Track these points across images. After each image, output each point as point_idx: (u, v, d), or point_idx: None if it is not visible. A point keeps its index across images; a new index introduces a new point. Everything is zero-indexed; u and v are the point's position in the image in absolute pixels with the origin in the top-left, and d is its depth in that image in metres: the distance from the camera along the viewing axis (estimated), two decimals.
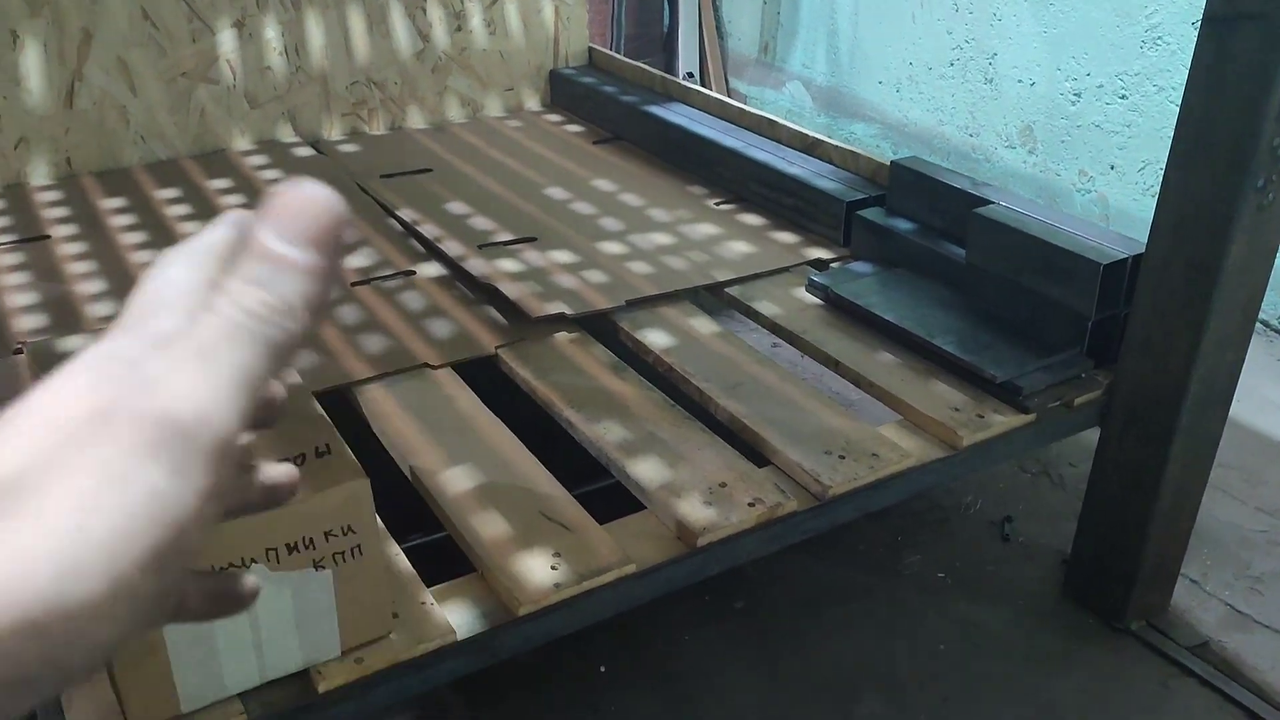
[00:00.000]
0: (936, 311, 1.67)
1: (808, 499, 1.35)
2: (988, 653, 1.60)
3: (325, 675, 1.06)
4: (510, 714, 1.50)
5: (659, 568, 1.25)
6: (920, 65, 3.09)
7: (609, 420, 1.47)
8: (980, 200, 1.73)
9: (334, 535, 1.01)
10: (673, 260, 1.90)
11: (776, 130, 2.25)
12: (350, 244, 0.41)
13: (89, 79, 2.20)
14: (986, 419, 1.48)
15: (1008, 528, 1.86)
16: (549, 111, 2.73)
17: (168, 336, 0.34)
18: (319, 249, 0.37)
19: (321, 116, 2.47)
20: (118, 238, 1.96)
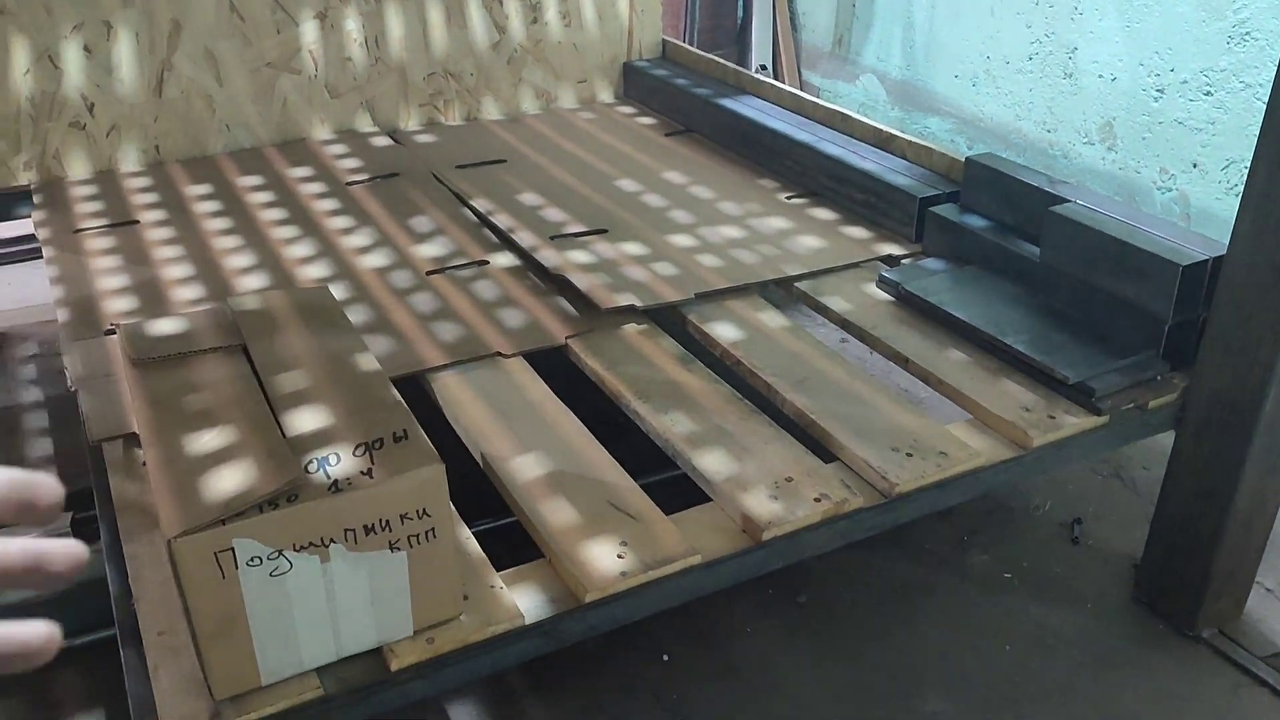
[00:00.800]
0: (1009, 310, 1.66)
1: (874, 496, 1.35)
2: (1056, 655, 1.59)
3: (397, 654, 1.09)
4: (572, 698, 1.52)
5: (724, 560, 1.26)
6: (998, 59, 3.05)
7: (676, 412, 1.48)
8: (1056, 198, 1.71)
9: (409, 518, 1.04)
10: (742, 254, 1.91)
11: (849, 124, 2.24)
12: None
13: (177, 69, 2.27)
14: (1058, 420, 1.47)
15: (1077, 530, 1.84)
16: (621, 103, 2.74)
17: None
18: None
19: (399, 107, 2.52)
20: (203, 224, 2.02)
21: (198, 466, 1.02)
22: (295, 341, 1.24)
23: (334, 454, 1.04)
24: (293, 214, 2.06)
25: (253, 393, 1.14)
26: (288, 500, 0.97)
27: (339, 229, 2.00)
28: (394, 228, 2.01)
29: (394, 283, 1.81)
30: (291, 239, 1.96)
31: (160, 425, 1.09)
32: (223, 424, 1.08)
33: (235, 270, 1.84)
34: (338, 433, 1.07)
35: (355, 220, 2.04)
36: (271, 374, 1.17)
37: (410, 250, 1.92)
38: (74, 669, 1.54)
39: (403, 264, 1.87)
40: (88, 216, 2.04)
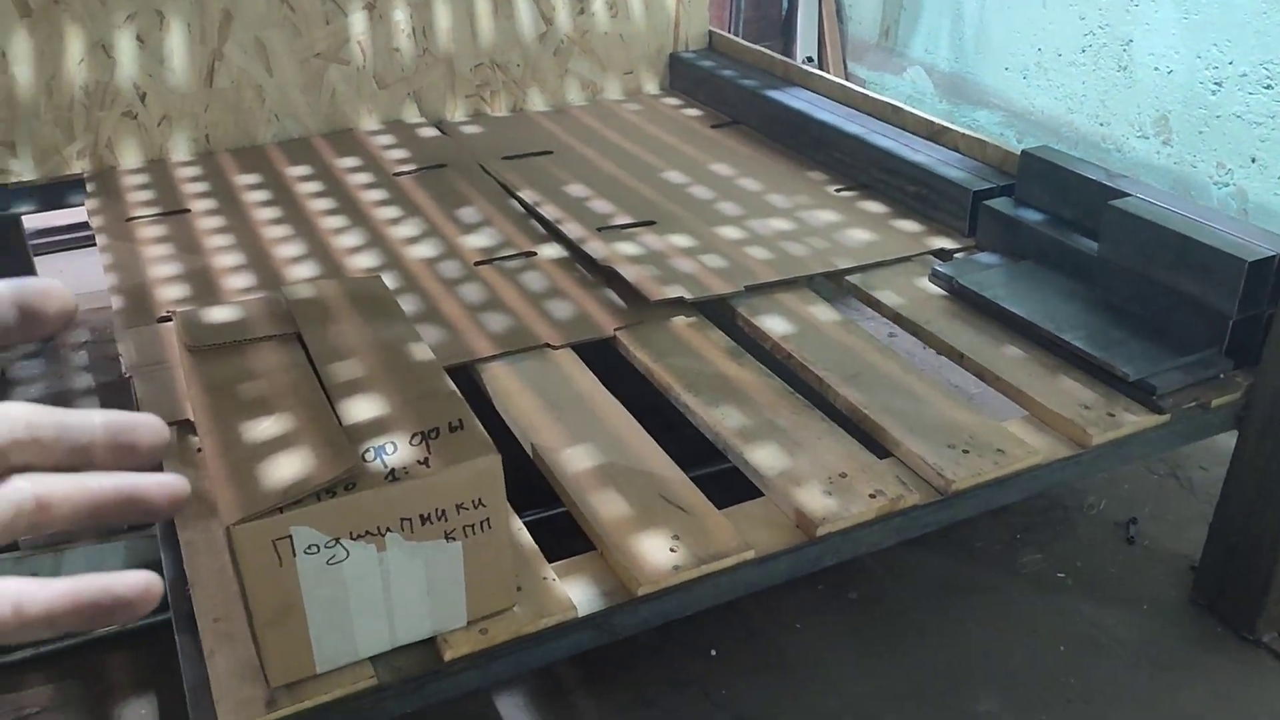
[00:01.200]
0: (1066, 305, 1.63)
1: (930, 493, 1.33)
2: (1111, 657, 1.56)
3: (451, 644, 1.09)
4: (621, 691, 1.52)
5: (777, 555, 1.25)
6: (1050, 51, 3.00)
7: (727, 405, 1.47)
8: (1116, 192, 1.67)
9: (465, 508, 1.03)
10: (792, 246, 1.89)
11: (901, 116, 2.22)
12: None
13: (228, 59, 2.28)
14: (1118, 418, 1.44)
15: (1132, 530, 1.80)
16: (667, 95, 2.73)
17: None
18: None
19: (446, 98, 2.52)
20: (252, 213, 2.03)
21: (255, 454, 1.02)
22: (349, 330, 1.24)
23: (391, 443, 1.03)
24: (341, 204, 2.07)
25: (308, 381, 1.14)
26: (345, 489, 0.97)
27: (387, 219, 2.01)
28: (441, 218, 2.01)
29: (443, 273, 1.81)
30: (340, 229, 1.96)
31: (217, 412, 1.09)
32: (279, 411, 1.08)
33: (285, 259, 1.84)
34: (394, 422, 1.07)
35: (403, 210, 2.04)
36: (326, 362, 1.17)
37: (458, 241, 1.92)
38: (126, 654, 1.56)
39: (451, 254, 1.87)
40: (139, 205, 2.06)
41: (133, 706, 1.48)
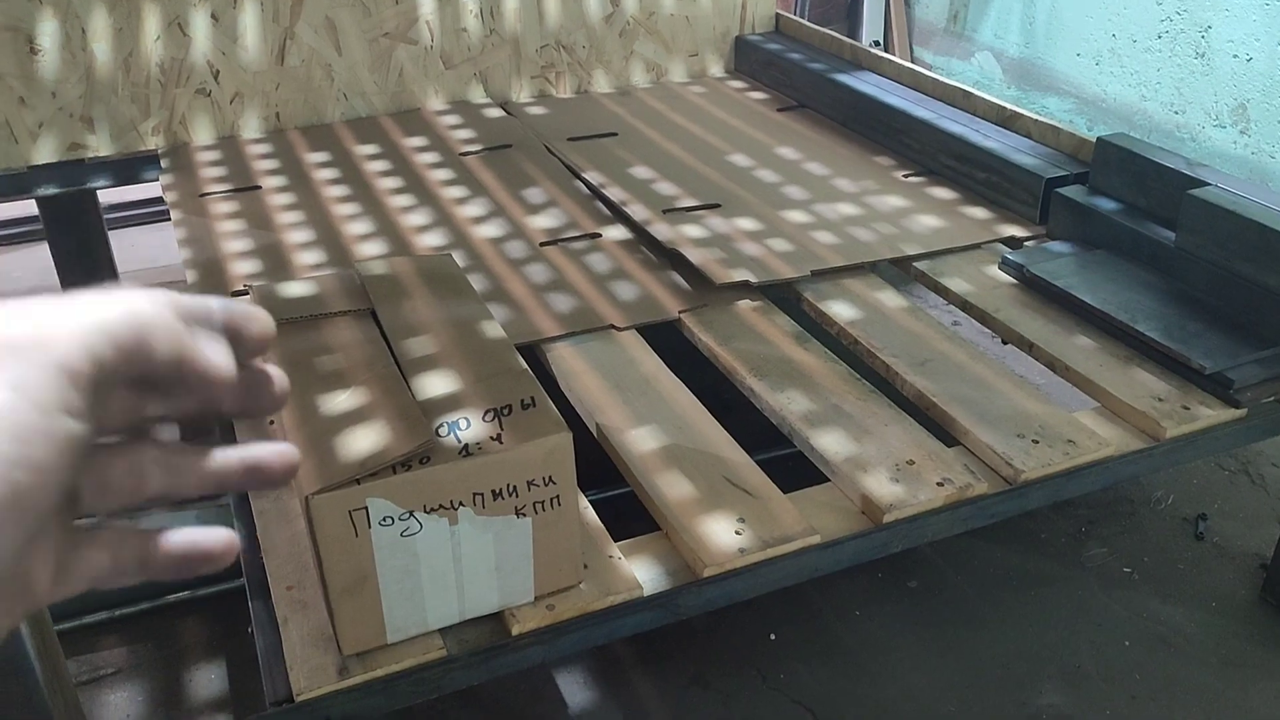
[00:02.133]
0: (1140, 296, 1.60)
1: (998, 482, 1.31)
2: (1178, 654, 1.54)
3: (519, 618, 1.10)
4: (678, 671, 1.52)
5: (842, 541, 1.24)
6: (1124, 37, 2.93)
7: (792, 390, 1.46)
8: (1195, 181, 1.64)
9: (536, 485, 1.04)
10: (859, 231, 1.87)
11: (971, 102, 2.18)
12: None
13: (299, 37, 2.31)
14: (1193, 411, 1.41)
15: (1201, 526, 1.77)
16: (732, 78, 2.71)
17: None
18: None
19: (511, 78, 2.53)
20: (322, 190, 2.05)
21: (332, 427, 1.04)
22: (422, 307, 1.25)
23: (464, 419, 1.04)
24: (408, 183, 2.09)
25: (383, 356, 1.15)
26: (420, 462, 0.99)
27: (454, 198, 2.02)
28: (507, 198, 2.02)
29: (509, 253, 1.82)
30: (408, 207, 1.98)
31: (294, 385, 1.11)
32: (355, 386, 1.10)
33: (354, 236, 1.87)
34: (467, 398, 1.08)
35: (469, 190, 2.06)
36: (400, 338, 1.18)
37: (524, 221, 1.93)
38: (197, 619, 1.60)
39: (517, 234, 1.88)
40: (212, 181, 2.09)
41: (204, 670, 1.52)
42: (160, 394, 0.39)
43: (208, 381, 0.40)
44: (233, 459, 0.41)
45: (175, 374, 0.38)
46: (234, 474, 0.41)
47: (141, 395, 0.39)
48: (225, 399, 0.41)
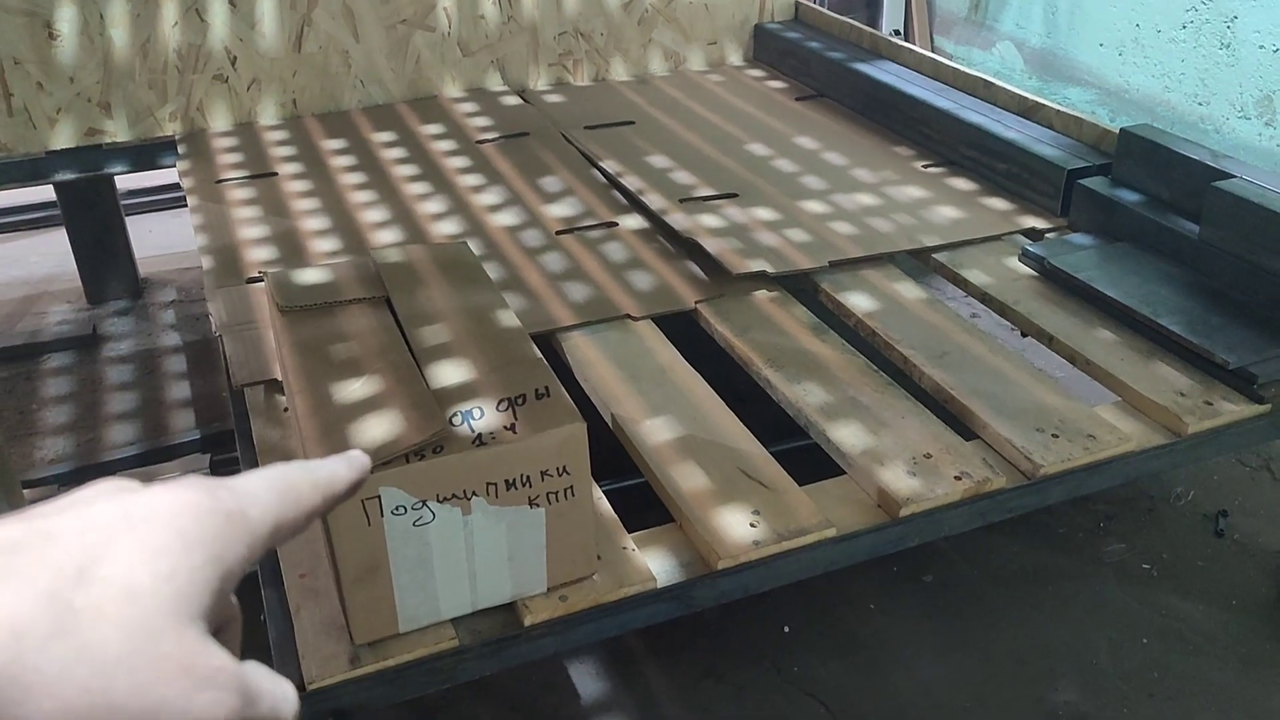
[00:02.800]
0: (1163, 289, 1.58)
1: (1017, 476, 1.30)
2: (1197, 653, 1.52)
3: (531, 609, 1.09)
4: (691, 663, 1.52)
5: (858, 534, 1.23)
6: (1148, 27, 2.90)
7: (809, 382, 1.45)
8: (1220, 173, 1.61)
9: (549, 475, 1.03)
10: (877, 222, 1.86)
11: (992, 92, 2.16)
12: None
13: (317, 24, 2.30)
14: (1215, 406, 1.39)
15: (1222, 523, 1.75)
16: (750, 66, 2.69)
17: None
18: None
19: (529, 66, 2.52)
20: (338, 177, 2.05)
21: (345, 414, 1.03)
22: (437, 295, 1.24)
23: (478, 408, 1.04)
24: (425, 170, 2.08)
25: (397, 344, 1.15)
26: (434, 451, 0.98)
27: (470, 186, 2.01)
28: (524, 186, 2.01)
29: (525, 241, 1.81)
30: (424, 195, 1.98)
31: (308, 372, 1.11)
32: (369, 373, 1.09)
33: (370, 224, 1.86)
34: (481, 387, 1.07)
35: (486, 178, 2.05)
36: (415, 326, 1.18)
37: (540, 209, 1.92)
38: None
39: (533, 223, 1.87)
40: (229, 167, 2.09)
41: None
42: None
43: None
44: (306, 490, 0.42)
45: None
46: (315, 505, 0.42)
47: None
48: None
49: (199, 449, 1.97)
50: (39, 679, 0.28)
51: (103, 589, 0.30)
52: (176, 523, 0.33)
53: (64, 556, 0.30)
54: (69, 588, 0.30)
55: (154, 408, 2.13)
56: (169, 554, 0.32)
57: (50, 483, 1.90)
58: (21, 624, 0.29)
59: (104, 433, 2.05)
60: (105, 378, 2.23)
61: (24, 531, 0.31)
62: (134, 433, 2.06)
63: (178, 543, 0.32)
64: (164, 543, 0.32)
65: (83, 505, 0.33)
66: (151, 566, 0.31)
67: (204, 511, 0.34)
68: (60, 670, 0.29)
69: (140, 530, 0.32)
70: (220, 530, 0.34)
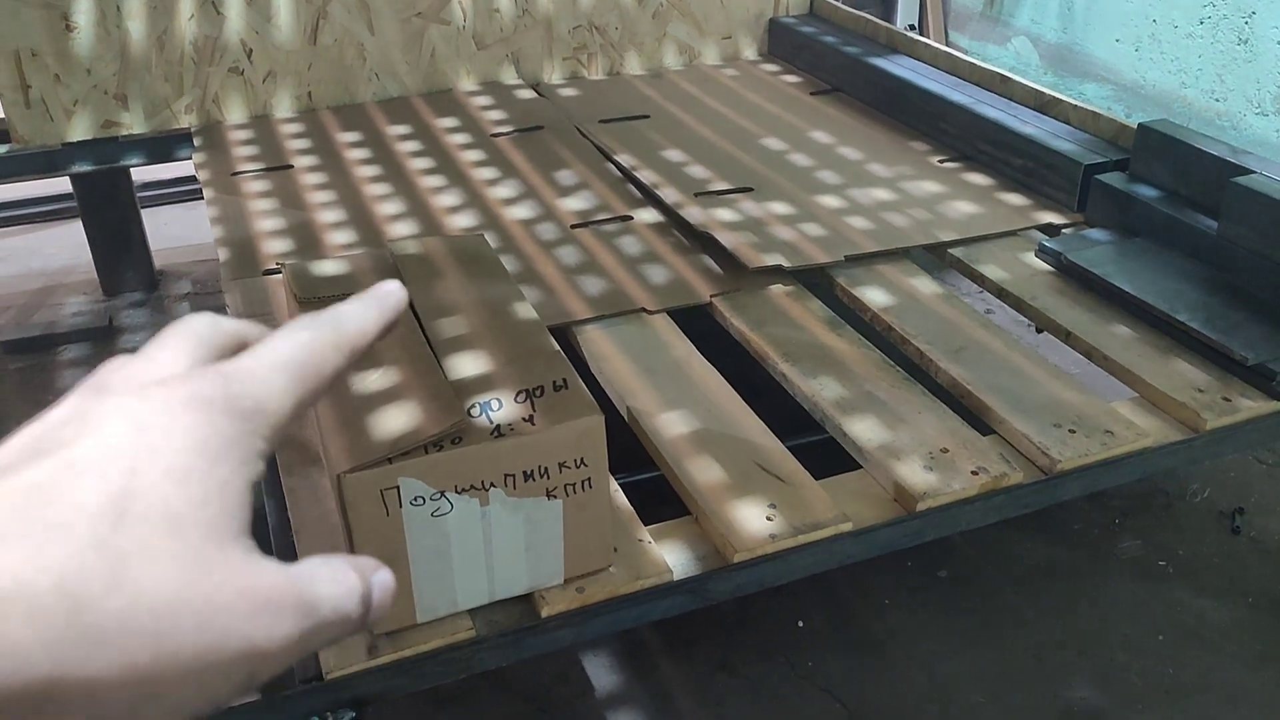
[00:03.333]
0: (1181, 285, 1.57)
1: (1034, 472, 1.29)
2: (1213, 649, 1.51)
3: (548, 601, 1.09)
4: (705, 657, 1.52)
5: (875, 529, 1.23)
6: (1165, 23, 2.88)
7: (825, 376, 1.45)
8: (1240, 169, 1.60)
9: (567, 467, 1.04)
10: (893, 217, 1.85)
11: (1009, 87, 2.15)
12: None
13: (332, 17, 2.30)
14: (1234, 403, 1.39)
15: (1238, 520, 1.75)
16: (765, 61, 2.69)
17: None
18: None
19: (543, 60, 2.52)
20: (353, 170, 2.05)
21: (365, 405, 1.03)
22: (454, 288, 1.25)
23: (496, 399, 1.04)
24: (440, 163, 2.08)
25: (415, 335, 1.15)
26: (452, 442, 0.98)
27: (485, 179, 2.01)
28: (538, 180, 2.01)
29: (540, 235, 1.81)
30: (439, 188, 1.98)
31: None
32: (387, 365, 1.09)
33: (386, 216, 1.86)
34: (499, 378, 1.07)
35: (500, 171, 2.05)
36: (432, 318, 1.18)
37: (555, 203, 1.92)
38: None
39: (548, 216, 1.87)
40: (244, 160, 2.10)
41: None
42: None
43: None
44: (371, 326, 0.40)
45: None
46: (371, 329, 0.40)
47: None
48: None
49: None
50: (100, 637, 0.27)
51: (145, 527, 0.29)
52: (195, 435, 0.31)
53: (95, 495, 0.29)
54: (111, 531, 0.29)
55: None
56: (198, 475, 0.31)
57: None
58: (74, 583, 0.28)
59: None
60: None
61: (46, 470, 0.30)
62: None
63: (202, 461, 0.31)
64: (189, 463, 0.31)
65: (94, 425, 0.31)
66: (185, 492, 0.30)
67: (219, 414, 0.32)
68: (120, 624, 0.28)
69: (163, 452, 0.31)
70: (240, 434, 0.32)
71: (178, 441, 0.31)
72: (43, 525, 0.28)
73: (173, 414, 0.32)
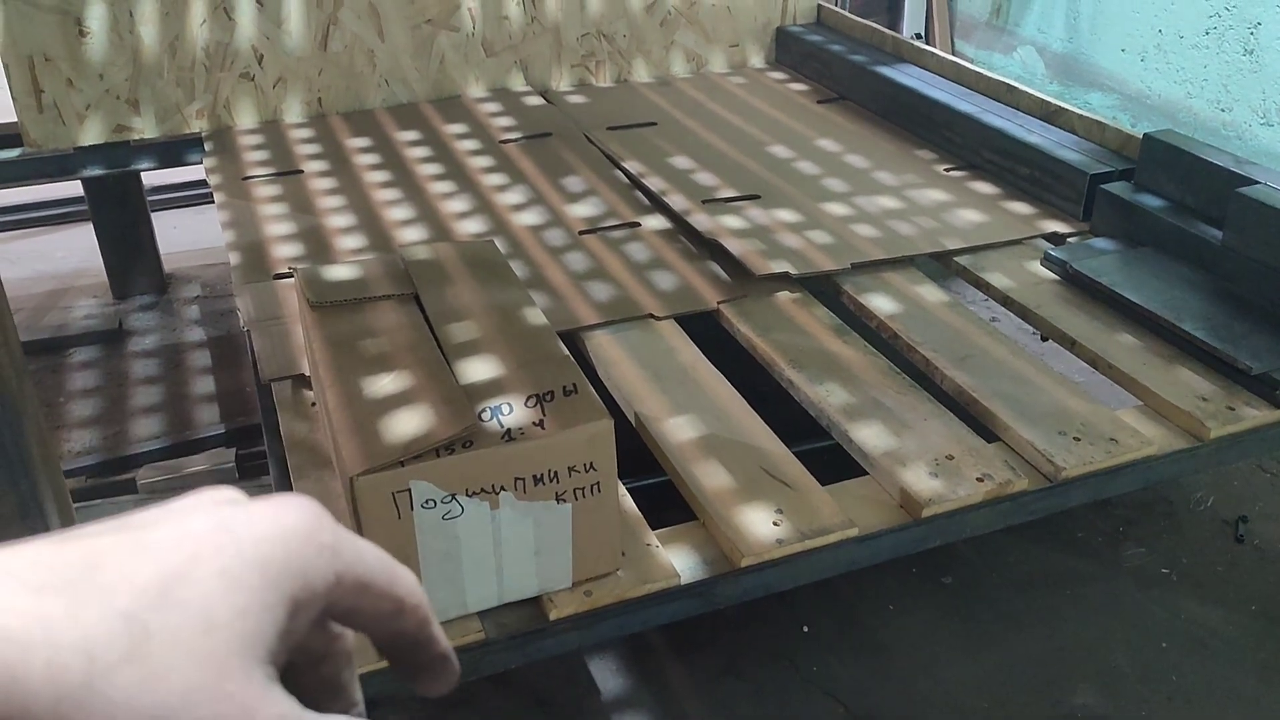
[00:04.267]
0: (1185, 294, 1.58)
1: (1039, 479, 1.30)
2: (1216, 657, 1.52)
3: (556, 604, 1.11)
4: (711, 659, 1.53)
5: (880, 534, 1.24)
6: (1171, 33, 2.90)
7: (831, 383, 1.46)
8: (1244, 179, 1.61)
9: (576, 471, 1.05)
10: (899, 225, 1.86)
11: (1015, 96, 2.16)
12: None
13: (342, 23, 2.32)
14: (1238, 412, 1.39)
15: (1242, 528, 1.75)
16: (772, 69, 2.70)
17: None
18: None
19: (552, 67, 2.53)
20: (363, 176, 2.07)
21: (377, 409, 1.04)
22: (465, 293, 1.26)
23: (506, 404, 1.05)
24: (448, 169, 2.10)
25: (426, 340, 1.16)
26: (463, 446, 0.99)
27: (493, 186, 2.03)
28: (547, 186, 2.02)
29: (548, 241, 1.82)
30: (448, 194, 1.99)
31: (339, 367, 1.12)
32: (399, 369, 1.10)
33: (395, 221, 1.88)
34: (509, 383, 1.09)
35: (509, 178, 2.06)
36: (443, 323, 1.19)
37: (563, 209, 1.93)
38: None
39: (556, 223, 1.89)
40: (255, 165, 2.11)
41: None
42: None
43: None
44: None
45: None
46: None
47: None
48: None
49: (224, 443, 1.99)
50: (105, 704, 0.28)
51: (180, 615, 0.29)
52: (262, 550, 0.31)
53: (149, 574, 0.30)
54: (147, 610, 0.29)
55: (179, 402, 2.15)
56: (247, 588, 0.31)
57: (78, 474, 1.92)
58: (97, 646, 0.28)
59: (130, 426, 2.08)
60: (131, 372, 2.25)
61: (116, 541, 0.30)
62: (159, 426, 2.08)
63: (257, 576, 0.31)
64: (244, 574, 0.31)
65: (179, 515, 0.32)
66: (230, 600, 0.30)
67: (297, 539, 0.32)
68: (127, 698, 0.28)
69: (227, 553, 0.31)
70: (308, 563, 0.32)
71: (245, 551, 0.31)
72: (89, 586, 0.29)
73: (257, 525, 0.32)
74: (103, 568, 0.30)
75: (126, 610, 0.29)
